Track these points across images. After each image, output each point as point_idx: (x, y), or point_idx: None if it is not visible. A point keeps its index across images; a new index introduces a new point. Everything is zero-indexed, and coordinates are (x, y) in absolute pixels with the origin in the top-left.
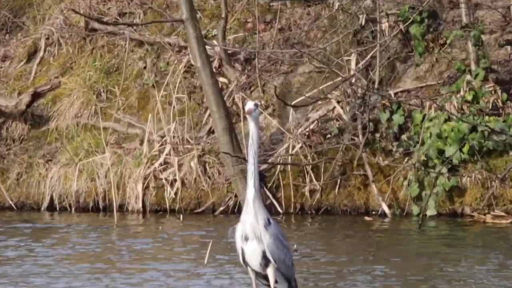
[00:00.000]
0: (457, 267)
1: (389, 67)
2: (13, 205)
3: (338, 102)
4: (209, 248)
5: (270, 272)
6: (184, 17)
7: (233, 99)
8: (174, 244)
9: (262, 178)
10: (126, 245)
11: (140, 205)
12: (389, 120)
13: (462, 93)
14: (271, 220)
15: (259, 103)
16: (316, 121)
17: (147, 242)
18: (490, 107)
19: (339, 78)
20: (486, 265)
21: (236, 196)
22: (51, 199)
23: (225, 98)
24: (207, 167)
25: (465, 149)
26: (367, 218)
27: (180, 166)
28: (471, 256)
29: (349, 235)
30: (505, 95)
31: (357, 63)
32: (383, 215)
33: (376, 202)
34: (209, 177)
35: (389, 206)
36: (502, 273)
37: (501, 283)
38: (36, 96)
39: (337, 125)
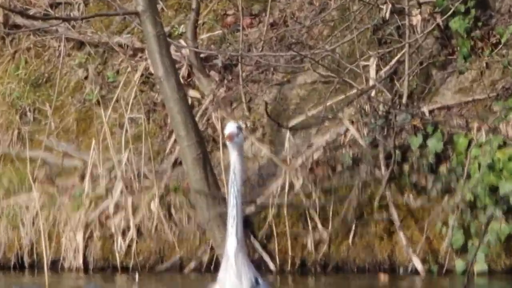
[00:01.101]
0: None
1: (422, 76)
2: None
3: (352, 122)
4: None
5: None
6: (140, 8)
7: (208, 119)
8: None
9: (249, 224)
10: None
11: (81, 261)
12: (423, 146)
13: None
14: (261, 281)
15: (243, 125)
16: (322, 149)
17: None
18: None
19: (354, 91)
20: None
21: (212, 248)
22: None
23: (197, 119)
24: (172, 211)
25: None
26: (382, 275)
27: (135, 209)
28: None
29: None
30: None
31: (378, 70)
32: (415, 272)
33: (404, 256)
34: (175, 224)
35: (423, 261)
36: None
37: None
38: None
39: (351, 154)
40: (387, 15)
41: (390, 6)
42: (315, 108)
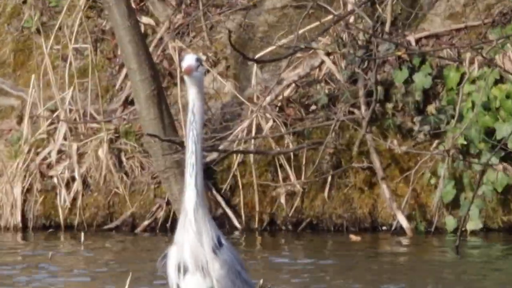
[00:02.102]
0: None
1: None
2: None
3: (329, 54)
4: (127, 284)
5: None
6: None
7: (164, 50)
8: (71, 278)
9: (210, 174)
10: None
11: (19, 218)
12: (408, 82)
13: None
14: (223, 241)
15: (203, 57)
16: (293, 85)
17: (30, 276)
18: None
19: (330, 17)
20: None
21: (168, 203)
22: None
23: (151, 50)
24: (123, 159)
25: None
26: (353, 237)
27: (81, 156)
28: None
29: (345, 265)
30: None
31: None
32: (400, 231)
33: (388, 211)
34: (126, 174)
35: (409, 218)
36: None
37: None
38: None
39: (326, 91)
40: None
41: None
42: (285, 37)
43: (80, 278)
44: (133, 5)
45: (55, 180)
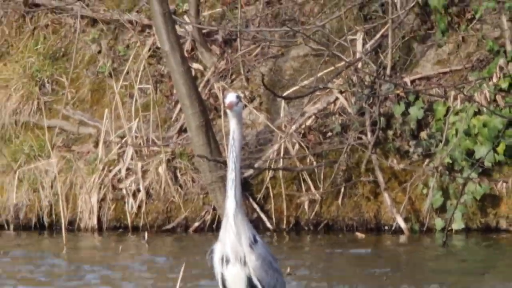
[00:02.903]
0: None
1: (404, 49)
2: None
3: (341, 92)
4: (181, 273)
5: None
6: None
7: (210, 90)
8: (138, 270)
9: (247, 187)
10: (77, 271)
11: (95, 221)
12: (405, 114)
13: (495, 80)
14: (258, 238)
15: (242, 95)
16: (313, 116)
17: (105, 267)
18: None
19: (342, 63)
20: None
21: (214, 209)
22: None
23: (200, 89)
24: (178, 174)
25: (500, 148)
26: (359, 234)
27: (144, 173)
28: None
29: (355, 256)
30: None
31: (364, 44)
32: (399, 231)
33: (389, 215)
34: (180, 186)
35: (406, 220)
36: None
37: None
38: None
39: (340, 121)
40: None
41: None
42: (307, 79)
43: (143, 267)
44: (186, 54)
45: (124, 191)
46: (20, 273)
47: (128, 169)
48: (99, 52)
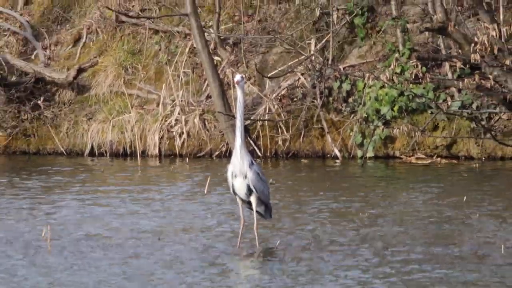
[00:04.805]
0: (396, 191)
1: (339, 48)
2: (64, 151)
3: (302, 74)
4: (208, 181)
5: (253, 199)
6: (188, 11)
7: (225, 73)
8: (181, 180)
9: (247, 130)
10: (147, 177)
11: (157, 151)
12: (339, 87)
13: (392, 67)
14: (254, 162)
15: (244, 76)
16: (286, 88)
17: (163, 178)
18: (413, 77)
19: (303, 57)
20: (415, 192)
21: (227, 144)
22: (92, 147)
23: (219, 72)
24: (206, 123)
25: (395, 108)
26: (303, 161)
27: (186, 122)
28: (410, 188)
29: (310, 172)
30: (424, 69)
31: (315, 45)
32: (336, 157)
33: (330, 148)
34: (207, 130)
35: (340, 151)
36: (428, 195)
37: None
38: (80, 71)
39: (301, 91)
40: (319, 15)
41: (321, 10)
42: (282, 66)
43: (186, 179)
44: (210, 51)
45: (174, 133)
46: (114, 178)
47: (176, 120)
48: (160, 50)
